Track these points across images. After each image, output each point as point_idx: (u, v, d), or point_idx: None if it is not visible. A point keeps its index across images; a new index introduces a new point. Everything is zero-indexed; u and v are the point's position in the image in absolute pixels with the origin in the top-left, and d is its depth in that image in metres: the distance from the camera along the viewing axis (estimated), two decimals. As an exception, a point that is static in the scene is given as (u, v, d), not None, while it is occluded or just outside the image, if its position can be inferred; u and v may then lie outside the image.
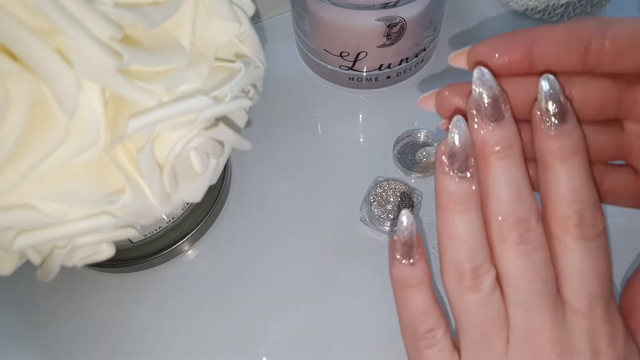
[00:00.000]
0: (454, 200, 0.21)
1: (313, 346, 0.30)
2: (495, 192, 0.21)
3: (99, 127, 0.19)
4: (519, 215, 0.20)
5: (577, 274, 0.20)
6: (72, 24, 0.17)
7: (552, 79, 0.20)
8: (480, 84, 0.21)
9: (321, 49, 0.36)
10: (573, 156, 0.20)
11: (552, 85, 0.20)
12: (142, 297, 0.32)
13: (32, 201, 0.20)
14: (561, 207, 0.20)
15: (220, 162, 0.25)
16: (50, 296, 0.32)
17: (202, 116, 0.21)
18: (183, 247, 0.33)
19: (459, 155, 0.21)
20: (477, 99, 0.21)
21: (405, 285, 0.23)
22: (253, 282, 0.32)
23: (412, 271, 0.23)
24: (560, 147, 0.20)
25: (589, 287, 0.20)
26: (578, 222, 0.20)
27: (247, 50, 0.25)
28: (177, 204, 0.24)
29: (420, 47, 0.36)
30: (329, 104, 0.39)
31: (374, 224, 0.33)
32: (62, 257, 0.22)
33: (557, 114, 0.20)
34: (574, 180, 0.20)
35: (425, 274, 0.23)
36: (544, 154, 0.21)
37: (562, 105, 0.20)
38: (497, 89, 0.21)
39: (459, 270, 0.21)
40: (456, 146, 0.21)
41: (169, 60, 0.20)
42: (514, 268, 0.20)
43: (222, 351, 0.30)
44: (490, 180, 0.21)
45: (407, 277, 0.23)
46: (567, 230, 0.20)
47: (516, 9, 0.42)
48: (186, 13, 0.21)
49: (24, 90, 0.18)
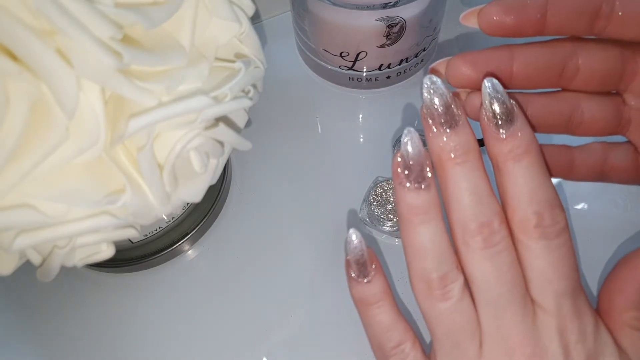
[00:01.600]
0: (413, 211, 0.21)
1: (313, 346, 0.30)
2: (456, 199, 0.21)
3: (99, 127, 0.19)
4: (481, 220, 0.20)
5: (541, 273, 0.20)
6: (72, 24, 0.17)
7: (494, 82, 0.20)
8: (432, 91, 0.21)
9: (321, 49, 0.36)
10: (525, 157, 0.20)
11: (495, 87, 0.20)
12: (142, 297, 0.32)
13: (32, 201, 0.20)
14: (519, 209, 0.20)
15: (220, 162, 0.25)
16: (50, 296, 0.32)
17: (202, 116, 0.21)
18: (183, 247, 0.33)
19: (413, 167, 0.21)
20: (429, 106, 0.21)
21: (366, 303, 0.23)
22: (253, 282, 0.32)
23: (370, 289, 0.23)
24: (511, 148, 0.20)
25: (553, 285, 0.20)
26: (537, 222, 0.20)
27: (247, 50, 0.25)
28: (177, 204, 0.24)
29: (420, 47, 0.36)
30: (329, 104, 0.39)
31: (374, 224, 0.33)
32: (62, 257, 0.22)
33: (504, 116, 0.20)
34: (529, 181, 0.20)
35: (384, 290, 0.23)
36: (496, 158, 0.21)
37: (507, 106, 0.20)
38: (448, 96, 0.21)
39: (426, 281, 0.21)
40: (410, 157, 0.21)
41: (169, 60, 0.20)
42: (481, 272, 0.21)
43: (222, 351, 0.30)
44: (449, 187, 0.21)
45: (366, 295, 0.23)
46: (527, 232, 0.20)
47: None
48: (186, 13, 0.21)
49: (24, 90, 0.18)
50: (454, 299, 0.21)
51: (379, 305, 0.23)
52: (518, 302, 0.20)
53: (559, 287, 0.20)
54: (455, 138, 0.20)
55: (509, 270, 0.20)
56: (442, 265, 0.21)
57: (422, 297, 0.21)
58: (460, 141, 0.20)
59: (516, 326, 0.20)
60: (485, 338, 0.21)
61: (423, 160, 0.21)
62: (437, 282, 0.21)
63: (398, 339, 0.23)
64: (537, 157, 0.20)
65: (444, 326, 0.21)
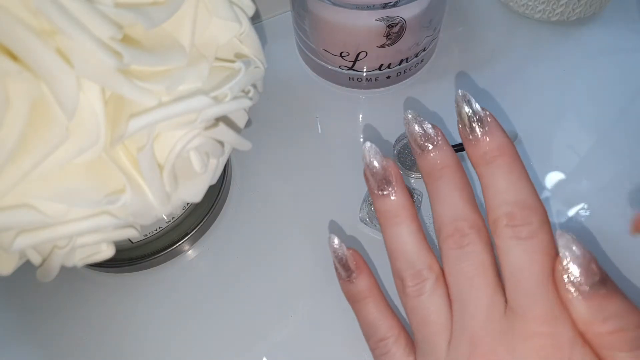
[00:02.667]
0: (384, 215, 0.23)
1: (313, 346, 0.30)
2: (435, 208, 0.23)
3: (99, 127, 0.19)
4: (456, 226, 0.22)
5: (511, 274, 0.20)
6: (73, 24, 0.17)
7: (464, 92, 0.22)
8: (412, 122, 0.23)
9: (321, 49, 0.36)
10: (498, 159, 0.21)
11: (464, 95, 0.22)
12: (142, 297, 0.32)
13: (32, 201, 0.20)
14: (492, 211, 0.21)
15: (220, 162, 0.25)
16: (50, 296, 0.32)
17: (202, 116, 0.21)
18: (183, 247, 0.33)
19: (377, 176, 0.24)
20: (411, 133, 0.23)
21: (353, 300, 0.25)
22: (253, 282, 0.32)
23: (355, 287, 0.25)
24: (484, 152, 0.22)
25: (524, 287, 0.20)
26: (507, 222, 0.20)
27: (247, 50, 0.25)
28: (177, 204, 0.24)
29: (420, 47, 0.36)
30: (329, 104, 0.39)
31: (374, 224, 0.33)
32: (62, 257, 0.22)
33: (475, 120, 0.22)
34: (501, 182, 0.21)
35: (368, 287, 0.25)
36: (475, 164, 0.22)
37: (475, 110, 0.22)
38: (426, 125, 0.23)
39: (401, 278, 0.23)
40: (374, 168, 0.24)
41: (169, 60, 0.20)
42: (452, 272, 0.22)
43: (222, 351, 0.30)
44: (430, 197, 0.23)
45: (352, 293, 0.25)
46: (497, 232, 0.21)
47: (516, 9, 0.42)
48: (186, 13, 0.21)
49: (24, 90, 0.18)
50: (424, 295, 0.22)
51: (365, 302, 0.24)
52: (488, 303, 0.20)
53: (531, 289, 0.19)
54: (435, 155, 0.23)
55: (478, 270, 0.21)
56: (415, 264, 0.22)
57: (400, 293, 0.23)
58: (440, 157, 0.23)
59: (483, 327, 0.20)
60: (454, 335, 0.21)
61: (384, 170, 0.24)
62: (410, 279, 0.22)
63: (381, 334, 0.24)
64: (511, 158, 0.21)
65: (416, 320, 0.22)
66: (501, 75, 0.39)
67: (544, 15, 0.41)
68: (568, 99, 0.38)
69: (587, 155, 0.36)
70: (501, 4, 0.43)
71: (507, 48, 0.41)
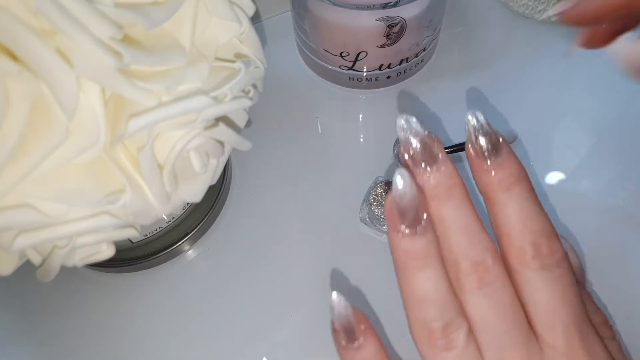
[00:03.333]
0: (411, 257, 0.20)
1: (313, 346, 0.30)
2: (445, 239, 0.20)
3: (99, 127, 0.19)
4: (474, 259, 0.19)
5: (545, 307, 0.19)
6: (72, 24, 0.17)
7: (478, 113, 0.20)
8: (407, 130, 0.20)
9: (321, 49, 0.36)
10: (516, 185, 0.19)
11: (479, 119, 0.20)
12: (142, 297, 0.32)
13: (32, 201, 0.20)
14: (514, 240, 0.19)
15: (220, 162, 0.25)
16: (50, 296, 0.32)
17: (202, 116, 0.21)
18: (183, 247, 0.33)
19: (408, 210, 0.19)
20: (406, 146, 0.20)
21: None
22: (253, 282, 0.32)
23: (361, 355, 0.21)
24: (501, 178, 0.19)
25: (560, 318, 0.19)
26: (534, 253, 0.19)
27: (247, 50, 0.25)
28: (177, 204, 0.24)
29: (420, 47, 0.36)
30: (329, 104, 0.39)
31: (374, 224, 0.33)
32: (62, 257, 0.22)
33: (490, 147, 0.20)
34: (522, 210, 0.19)
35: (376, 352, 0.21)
36: (486, 189, 0.20)
37: (492, 138, 0.20)
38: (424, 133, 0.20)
39: (429, 329, 0.20)
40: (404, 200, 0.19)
41: (169, 60, 0.20)
42: (479, 314, 0.19)
43: (222, 351, 0.30)
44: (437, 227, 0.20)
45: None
46: (524, 264, 0.19)
47: (516, 9, 0.42)
48: (186, 13, 0.21)
49: (24, 90, 0.18)
50: (458, 347, 0.19)
51: None
52: (521, 341, 0.19)
53: (566, 319, 0.19)
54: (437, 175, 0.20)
55: (509, 309, 0.19)
56: (445, 313, 0.19)
57: (425, 346, 0.20)
58: (443, 177, 0.20)
59: None
60: None
61: (418, 203, 0.19)
62: (440, 331, 0.19)
63: None
64: (528, 185, 0.20)
65: None
66: (501, 75, 0.39)
67: (545, 15, 0.41)
68: (568, 99, 0.38)
69: (587, 155, 0.36)
70: (501, 4, 0.43)
71: (507, 48, 0.41)
